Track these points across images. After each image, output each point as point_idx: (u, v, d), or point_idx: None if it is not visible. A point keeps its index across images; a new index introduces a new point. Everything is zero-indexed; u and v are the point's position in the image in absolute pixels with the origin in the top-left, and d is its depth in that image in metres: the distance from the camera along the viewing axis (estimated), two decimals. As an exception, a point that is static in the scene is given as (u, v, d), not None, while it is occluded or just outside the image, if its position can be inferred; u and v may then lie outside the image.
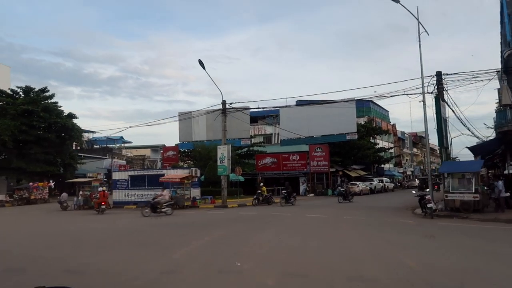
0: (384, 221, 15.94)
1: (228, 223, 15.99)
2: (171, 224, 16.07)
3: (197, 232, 12.86)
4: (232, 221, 16.70)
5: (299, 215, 19.04)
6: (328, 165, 40.17)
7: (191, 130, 46.71)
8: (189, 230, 13.87)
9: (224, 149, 26.34)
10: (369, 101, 57.14)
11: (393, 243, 10.41)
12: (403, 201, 29.35)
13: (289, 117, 44.58)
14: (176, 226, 15.36)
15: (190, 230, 13.88)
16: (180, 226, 15.33)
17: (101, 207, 22.12)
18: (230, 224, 15.71)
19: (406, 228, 13.94)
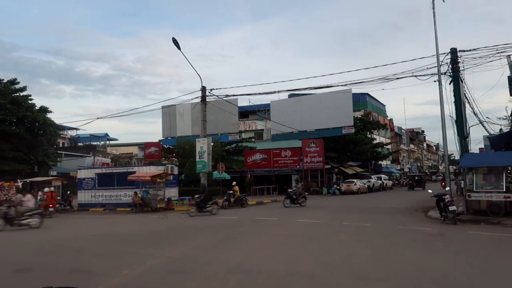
0: (396, 228, 12.30)
1: (194, 233, 12.26)
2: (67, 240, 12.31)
3: (141, 250, 9.13)
4: (200, 230, 12.99)
5: (287, 220, 15.37)
6: (323, 161, 36.56)
7: (175, 125, 42.92)
8: (129, 246, 10.10)
9: (204, 142, 22.60)
10: (366, 94, 53.68)
11: (423, 269, 6.76)
12: (408, 200, 25.77)
13: (281, 110, 40.92)
14: (93, 241, 11.60)
15: (131, 246, 10.12)
16: (116, 239, 11.56)
17: (49, 209, 18.36)
18: (195, 234, 11.98)
19: (429, 239, 10.30)
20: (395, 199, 27.88)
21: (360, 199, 28.05)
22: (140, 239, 11.37)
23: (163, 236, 11.83)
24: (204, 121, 22.99)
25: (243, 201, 22.69)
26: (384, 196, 31.61)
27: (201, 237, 11.30)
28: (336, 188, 35.94)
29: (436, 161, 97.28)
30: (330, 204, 23.46)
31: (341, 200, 27.81)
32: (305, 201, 21.81)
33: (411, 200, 25.51)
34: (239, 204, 22.41)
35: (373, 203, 23.98)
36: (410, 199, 26.58)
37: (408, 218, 15.42)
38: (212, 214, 17.55)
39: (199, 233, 12.38)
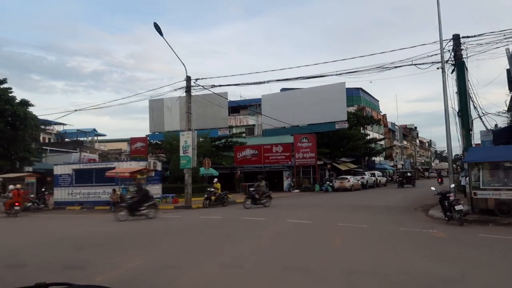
0: (396, 230, 10.85)
1: (170, 237, 10.73)
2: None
3: (101, 258, 7.56)
4: (178, 232, 11.48)
5: (276, 219, 13.90)
6: (315, 157, 35.16)
7: (162, 119, 41.22)
8: (87, 253, 8.52)
9: (189, 136, 21.02)
10: (359, 88, 52.40)
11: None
12: (404, 198, 24.47)
13: (272, 104, 39.42)
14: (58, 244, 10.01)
15: (90, 252, 8.53)
16: (76, 243, 9.97)
17: (14, 208, 16.70)
18: (171, 238, 10.45)
19: (437, 244, 8.87)
20: (391, 196, 26.57)
21: (354, 197, 26.69)
22: (106, 243, 9.80)
23: (132, 240, 10.28)
24: (189, 113, 21.40)
25: (224, 199, 20.95)
26: (379, 193, 30.31)
27: (173, 242, 9.77)
28: (328, 185, 34.58)
29: (428, 158, 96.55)
30: (323, 202, 22.04)
31: (334, 197, 26.43)
32: (270, 201, 19.13)
33: (407, 198, 24.20)
34: (220, 203, 20.67)
35: (368, 201, 22.62)
36: (406, 197, 25.28)
37: (408, 217, 14.02)
38: (148, 218, 14.96)
39: (173, 235, 10.86)
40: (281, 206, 20.33)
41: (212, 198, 20.51)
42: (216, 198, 20.62)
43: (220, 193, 21.15)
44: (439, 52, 15.42)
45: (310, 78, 18.99)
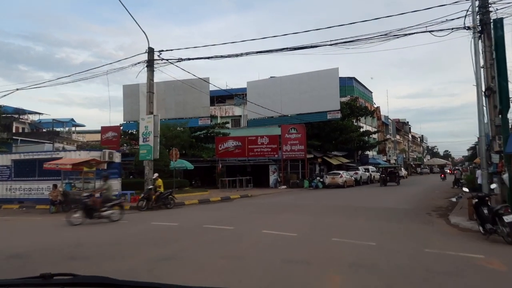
0: (421, 253, 7.05)
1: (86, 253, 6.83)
2: None
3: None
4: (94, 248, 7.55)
5: (247, 230, 10.06)
6: (305, 150, 31.40)
7: (138, 106, 36.93)
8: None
9: (150, 120, 17.00)
10: (352, 78, 48.76)
11: None
12: (406, 197, 20.82)
13: (258, 92, 35.52)
14: None
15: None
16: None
17: None
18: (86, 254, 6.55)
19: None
20: (390, 194, 22.90)
21: (348, 195, 22.99)
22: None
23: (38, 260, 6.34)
24: (151, 93, 17.33)
25: (168, 200, 16.33)
26: (375, 191, 26.63)
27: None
28: (319, 180, 30.87)
29: (420, 153, 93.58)
30: (312, 202, 18.26)
31: (325, 195, 22.71)
32: (120, 214, 12.41)
33: (410, 197, 20.56)
34: (163, 204, 16.12)
35: (365, 200, 18.89)
36: (408, 195, 21.66)
37: (427, 228, 10.26)
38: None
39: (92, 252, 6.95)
40: (263, 206, 16.50)
41: (151, 198, 15.93)
42: (157, 198, 16.03)
43: (163, 192, 16.39)
44: (460, 14, 11.64)
45: (298, 49, 15.11)
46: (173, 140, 31.81)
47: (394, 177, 33.56)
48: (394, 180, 33.05)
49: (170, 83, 36.60)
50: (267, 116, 35.13)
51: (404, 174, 51.66)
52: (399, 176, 35.95)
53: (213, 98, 51.09)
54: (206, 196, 21.75)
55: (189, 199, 19.18)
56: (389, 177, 33.17)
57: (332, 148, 36.37)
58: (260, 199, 20.33)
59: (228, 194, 22.99)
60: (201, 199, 19.59)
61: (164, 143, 32.26)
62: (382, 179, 32.84)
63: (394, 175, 34.01)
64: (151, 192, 15.97)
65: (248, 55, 15.85)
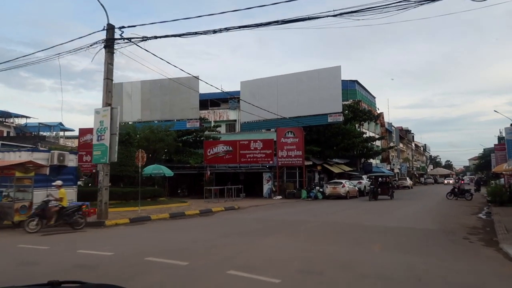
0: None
1: None
2: None
3: None
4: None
5: (209, 267, 6.35)
6: (303, 156, 27.79)
7: (121, 108, 33.37)
8: None
9: (106, 114, 13.39)
10: (355, 81, 45.30)
11: None
12: (422, 210, 17.15)
13: (252, 92, 32.01)
14: None
15: None
16: None
17: None
18: None
19: None
20: (402, 207, 19.18)
21: (352, 208, 19.29)
22: None
23: None
24: (109, 80, 13.73)
25: (72, 218, 11.57)
26: (383, 203, 22.92)
27: None
28: (318, 190, 27.22)
29: (424, 163, 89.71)
30: (310, 218, 14.57)
31: (325, 208, 19.03)
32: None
33: (427, 211, 16.87)
34: (67, 224, 11.48)
35: (375, 216, 15.19)
36: (424, 209, 17.97)
37: (482, 268, 6.61)
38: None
39: None
40: (245, 225, 12.84)
41: (49, 216, 11.36)
42: (59, 215, 11.42)
43: (66, 207, 11.70)
44: None
45: (291, 22, 11.52)
46: (156, 144, 28.27)
47: (387, 189, 26.12)
48: (387, 193, 25.79)
49: (156, 82, 33.17)
50: (262, 119, 31.64)
51: (409, 184, 47.93)
52: (392, 187, 28.05)
53: (206, 102, 47.71)
54: (183, 208, 18.08)
55: (159, 213, 15.50)
56: (381, 189, 25.82)
57: (333, 154, 32.74)
58: (246, 213, 16.67)
59: (211, 206, 19.32)
60: (175, 212, 15.92)
61: (146, 147, 28.75)
62: (372, 191, 24.88)
63: (386, 187, 26.55)
64: (50, 208, 11.33)
65: (229, 31, 12.30)
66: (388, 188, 26.54)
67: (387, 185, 26.93)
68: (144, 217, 14.15)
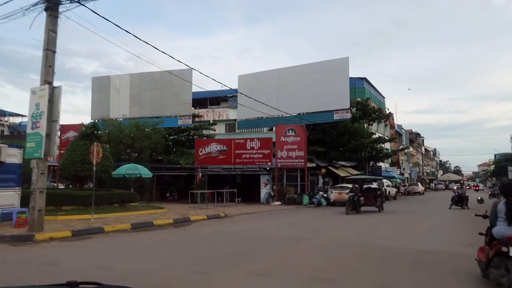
0: None
1: None
2: None
3: None
4: None
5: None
6: (305, 157, 24.33)
7: (108, 102, 30.43)
8: None
9: (43, 94, 10.07)
10: (363, 79, 41.80)
11: None
12: (451, 223, 13.58)
13: (251, 88, 28.58)
14: None
15: None
16: None
17: None
18: None
19: None
20: (424, 218, 15.57)
21: (362, 219, 15.75)
22: None
23: None
24: (50, 51, 10.40)
25: None
26: (398, 212, 19.29)
27: None
28: (322, 196, 23.75)
29: (434, 168, 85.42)
30: (308, 233, 11.09)
31: (330, 220, 15.54)
32: None
33: (459, 223, 13.27)
34: None
35: (394, 232, 11.62)
36: (453, 221, 14.38)
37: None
38: None
39: None
40: (217, 245, 9.39)
41: None
42: None
43: None
44: None
45: None
46: (141, 142, 25.04)
47: (373, 198, 19.00)
48: (373, 203, 18.74)
49: (145, 75, 30.03)
50: (261, 117, 28.31)
51: (421, 190, 44.16)
52: (381, 195, 20.32)
53: (205, 100, 44.57)
54: (156, 216, 14.70)
55: (120, 222, 12.17)
56: (364, 198, 18.41)
57: (339, 156, 29.19)
58: (230, 224, 13.25)
59: (192, 213, 15.96)
60: (140, 222, 12.56)
61: (131, 145, 25.53)
62: (352, 201, 17.55)
63: (371, 195, 19.54)
64: None
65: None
66: (375, 197, 19.20)
67: (373, 193, 19.98)
68: (95, 229, 10.82)
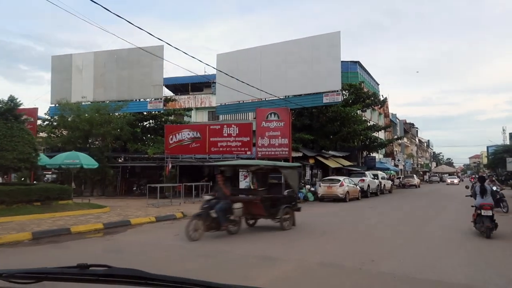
0: None
1: None
2: None
3: None
4: None
5: None
6: (289, 145, 20.85)
7: (69, 85, 26.55)
8: None
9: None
10: (356, 62, 38.32)
11: None
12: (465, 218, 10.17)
13: (231, 68, 24.77)
14: None
15: None
16: None
17: None
18: None
19: None
20: (438, 212, 12.16)
21: (358, 220, 12.31)
22: None
23: None
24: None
25: None
26: (400, 208, 15.88)
27: None
28: (309, 190, 20.38)
29: (427, 160, 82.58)
30: (280, 247, 7.63)
31: (313, 221, 12.10)
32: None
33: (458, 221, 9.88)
34: None
35: (405, 239, 8.19)
36: (455, 218, 11.01)
37: None
38: None
39: None
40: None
41: None
42: None
43: None
44: None
45: None
46: (100, 128, 21.37)
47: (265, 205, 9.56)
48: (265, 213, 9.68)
49: (112, 53, 26.15)
50: (243, 100, 24.79)
51: (417, 182, 41.08)
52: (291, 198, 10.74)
53: (187, 86, 40.90)
54: (87, 218, 11.10)
55: (20, 230, 8.60)
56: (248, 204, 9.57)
57: (329, 145, 25.75)
58: (178, 232, 9.73)
59: (141, 213, 12.43)
60: (55, 229, 9.01)
61: (89, 131, 21.84)
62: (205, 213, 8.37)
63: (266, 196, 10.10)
64: None
65: None
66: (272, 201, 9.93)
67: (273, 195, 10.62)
68: None
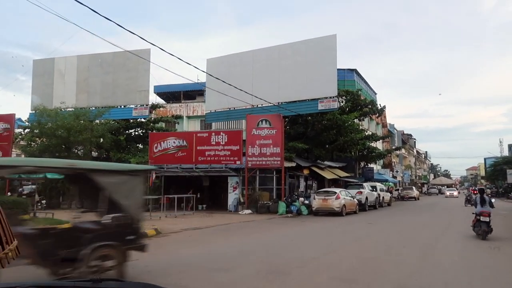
0: None
1: None
2: None
3: None
4: None
5: None
6: (281, 154, 19.29)
7: (51, 90, 25.07)
8: None
9: None
10: (353, 70, 37.05)
11: None
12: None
13: (221, 73, 23.42)
14: None
15: None
16: None
17: None
18: None
19: None
20: (448, 226, 10.58)
21: (356, 238, 10.69)
22: None
23: None
24: None
25: None
26: (402, 223, 14.26)
27: None
28: (303, 203, 18.76)
29: (426, 171, 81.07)
30: (261, 279, 6.02)
31: (306, 239, 10.48)
32: None
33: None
34: None
35: (416, 277, 6.62)
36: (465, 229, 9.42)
37: None
38: None
39: None
40: None
41: None
42: None
43: None
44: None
45: None
46: (79, 135, 19.80)
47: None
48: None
49: (96, 57, 24.68)
50: (234, 107, 23.34)
51: (416, 195, 39.51)
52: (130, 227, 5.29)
53: (179, 94, 39.53)
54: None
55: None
56: None
57: (324, 155, 24.19)
58: (137, 257, 8.09)
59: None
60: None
61: (66, 139, 20.26)
62: None
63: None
64: None
65: None
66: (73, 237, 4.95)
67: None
68: None
